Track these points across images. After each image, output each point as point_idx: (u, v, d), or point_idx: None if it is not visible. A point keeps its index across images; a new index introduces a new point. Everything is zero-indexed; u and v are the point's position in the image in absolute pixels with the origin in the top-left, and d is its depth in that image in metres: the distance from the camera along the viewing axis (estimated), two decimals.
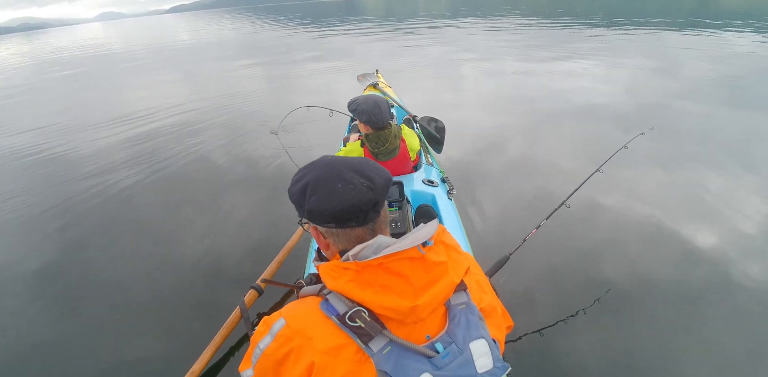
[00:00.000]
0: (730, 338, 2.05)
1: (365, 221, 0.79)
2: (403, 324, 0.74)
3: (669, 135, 4.46)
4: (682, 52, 9.50)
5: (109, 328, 2.34)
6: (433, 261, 0.75)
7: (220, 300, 2.39)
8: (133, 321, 2.37)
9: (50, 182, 4.33)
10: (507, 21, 19.77)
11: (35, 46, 34.17)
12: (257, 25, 18.15)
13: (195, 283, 2.63)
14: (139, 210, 3.66)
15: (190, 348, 1.99)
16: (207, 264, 2.80)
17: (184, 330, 2.26)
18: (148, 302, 2.51)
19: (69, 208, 3.72)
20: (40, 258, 3.04)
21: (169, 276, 2.73)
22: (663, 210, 3.09)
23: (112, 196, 3.90)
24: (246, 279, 2.43)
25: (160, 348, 2.16)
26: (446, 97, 6.73)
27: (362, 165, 0.81)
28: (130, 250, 3.07)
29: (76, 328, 2.36)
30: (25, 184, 4.36)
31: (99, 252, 3.06)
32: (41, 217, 3.61)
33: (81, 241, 3.23)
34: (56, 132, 6.18)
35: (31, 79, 13.33)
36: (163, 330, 2.29)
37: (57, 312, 2.52)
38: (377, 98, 2.17)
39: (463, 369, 0.73)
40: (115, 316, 2.43)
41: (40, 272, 2.89)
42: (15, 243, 3.29)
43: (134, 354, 2.13)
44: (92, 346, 2.23)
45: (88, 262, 2.96)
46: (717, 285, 2.38)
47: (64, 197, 3.93)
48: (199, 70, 11.78)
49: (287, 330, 0.76)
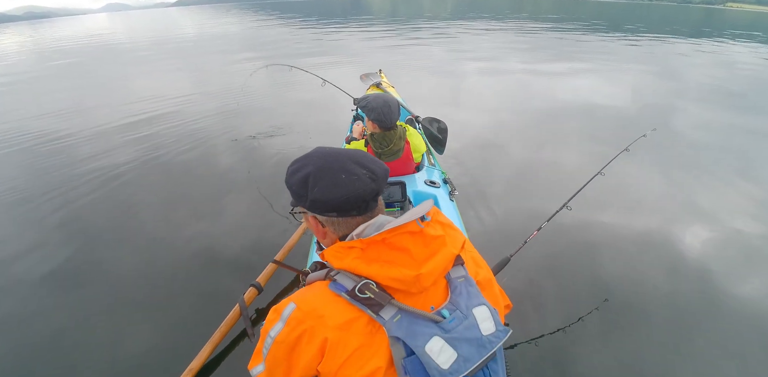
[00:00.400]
0: (734, 341, 2.06)
1: (366, 210, 0.84)
2: (409, 294, 0.77)
3: (670, 138, 4.48)
4: (686, 60, 9.54)
5: (107, 322, 2.32)
6: (431, 235, 0.80)
7: (219, 296, 2.38)
8: (132, 316, 2.36)
9: (50, 171, 4.30)
10: (511, 24, 19.80)
11: (42, 34, 34.00)
12: (262, 21, 18.13)
13: (194, 279, 2.62)
14: (140, 201, 3.65)
15: (188, 344, 1.98)
16: (207, 259, 2.79)
17: (183, 327, 2.25)
18: (148, 296, 2.51)
19: (70, 199, 3.70)
20: (41, 250, 3.02)
21: (169, 269, 2.72)
22: (663, 213, 3.12)
23: (113, 187, 3.89)
24: (246, 276, 2.43)
25: (157, 344, 2.15)
26: (448, 97, 6.75)
27: (361, 157, 0.85)
28: (131, 242, 3.05)
29: (74, 322, 2.34)
30: (25, 172, 4.33)
31: (98, 244, 3.04)
32: (41, 207, 3.59)
33: (81, 233, 3.21)
34: (58, 121, 6.14)
35: (36, 67, 13.25)
36: (161, 327, 2.28)
37: (56, 304, 2.50)
38: (388, 97, 2.16)
39: (469, 332, 0.77)
40: (114, 310, 2.41)
41: (41, 264, 2.86)
42: (14, 235, 3.26)
43: (131, 350, 2.12)
44: (91, 341, 2.21)
45: (87, 254, 2.94)
46: (718, 288, 2.39)
47: (66, 187, 3.92)
48: (202, 63, 11.76)
49: (298, 313, 0.77)
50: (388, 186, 1.96)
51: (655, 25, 19.02)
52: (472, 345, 0.76)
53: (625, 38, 13.68)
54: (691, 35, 14.70)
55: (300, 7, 66.64)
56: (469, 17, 26.39)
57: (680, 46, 11.95)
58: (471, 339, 0.77)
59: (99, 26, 44.20)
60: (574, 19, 22.13)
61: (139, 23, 47.18)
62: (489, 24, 20.76)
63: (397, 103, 2.18)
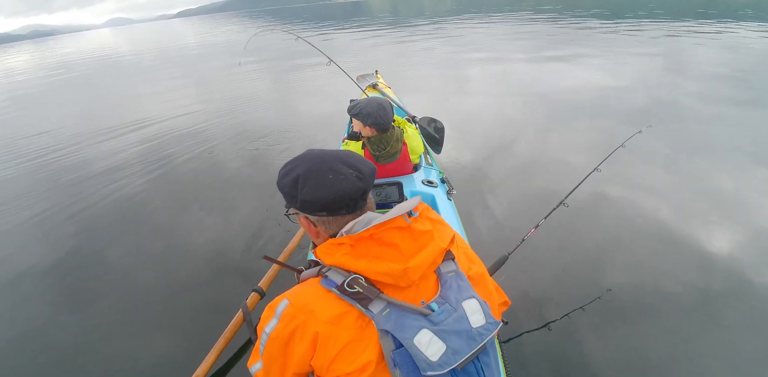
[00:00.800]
0: (734, 340, 2.03)
1: (355, 208, 0.86)
2: (398, 289, 0.79)
3: (667, 132, 4.42)
4: (686, 48, 9.39)
5: (111, 332, 2.35)
6: (419, 230, 0.81)
7: (222, 303, 2.40)
8: (135, 325, 2.39)
9: (62, 183, 4.42)
10: (509, 18, 19.67)
11: (46, 53, 34.68)
12: (262, 28, 18.30)
13: (200, 285, 2.65)
14: (148, 209, 3.72)
15: (194, 352, 1.99)
16: (210, 266, 2.82)
17: (187, 334, 2.27)
18: (150, 304, 2.53)
19: (81, 209, 3.79)
20: (52, 255, 3.11)
21: (177, 275, 2.76)
22: (660, 209, 3.08)
23: (121, 196, 3.96)
24: (249, 281, 2.44)
25: (162, 351, 2.17)
26: (443, 97, 6.70)
27: (348, 157, 0.87)
28: (139, 249, 3.11)
29: (82, 327, 2.39)
30: (37, 184, 4.45)
31: (107, 252, 3.10)
32: (55, 216, 3.69)
33: (91, 241, 3.28)
34: (68, 135, 6.29)
35: (42, 84, 13.52)
36: (166, 334, 2.30)
37: (66, 308, 2.57)
38: (380, 100, 2.17)
39: (458, 324, 0.78)
40: (118, 320, 2.44)
41: (52, 269, 2.96)
42: (29, 242, 3.36)
43: (136, 359, 2.14)
44: (98, 347, 2.25)
45: (96, 261, 3.01)
46: (718, 285, 2.35)
47: (77, 197, 4.01)
48: (206, 72, 11.90)
49: (291, 309, 0.79)
50: (385, 186, 1.97)
51: (656, 10, 18.73)
52: (462, 337, 0.77)
53: (627, 26, 13.51)
54: (693, 20, 14.46)
55: (300, 11, 67.01)
56: (467, 14, 26.31)
57: (682, 32, 11.76)
58: (460, 332, 0.77)
59: (103, 41, 44.93)
60: (572, 8, 21.91)
61: (142, 36, 47.88)
62: (488, 19, 20.68)
63: (390, 104, 2.18)
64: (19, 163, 5.19)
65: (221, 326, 2.04)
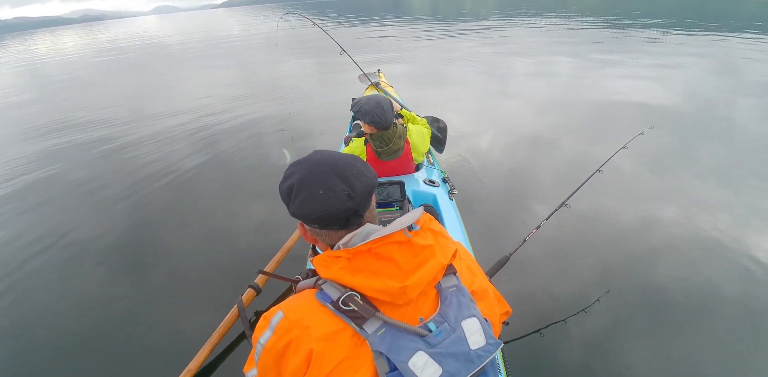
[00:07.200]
0: (733, 340, 2.03)
1: (347, 225, 0.82)
2: (396, 306, 0.75)
3: (669, 134, 4.35)
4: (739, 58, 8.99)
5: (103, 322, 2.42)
6: (420, 244, 0.78)
7: (218, 298, 2.43)
8: (129, 315, 2.45)
9: (118, 167, 4.67)
10: (550, 21, 19.20)
11: (97, 36, 36.19)
12: (303, 21, 18.45)
13: (198, 277, 2.71)
14: (197, 195, 3.87)
15: (187, 346, 2.01)
16: (210, 256, 2.91)
17: (181, 327, 2.30)
18: (144, 295, 2.62)
19: (134, 193, 3.99)
20: (107, 234, 3.32)
21: (168, 268, 2.86)
22: (661, 210, 3.06)
23: (171, 182, 4.14)
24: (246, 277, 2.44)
25: (155, 344, 2.22)
26: (444, 96, 6.68)
27: (347, 169, 0.81)
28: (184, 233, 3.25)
29: (71, 321, 2.46)
30: (97, 169, 4.69)
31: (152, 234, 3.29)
32: (110, 199, 3.92)
33: (143, 222, 3.48)
34: (121, 121, 6.60)
35: (95, 68, 14.22)
36: (159, 326, 2.34)
37: (124, 282, 2.75)
38: (380, 98, 2.20)
39: (456, 346, 0.75)
40: (112, 308, 2.52)
41: (110, 246, 3.18)
42: (85, 221, 3.57)
43: (128, 351, 2.20)
44: (88, 340, 2.31)
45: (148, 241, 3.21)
46: (719, 288, 2.36)
47: (130, 181, 4.24)
48: (249, 58, 12.35)
49: (285, 322, 0.76)
50: (387, 185, 2.02)
51: (708, 19, 17.86)
52: (459, 360, 0.74)
53: (674, 34, 12.97)
54: (739, 29, 13.74)
55: (340, 5, 67.33)
56: (510, 15, 25.79)
57: (728, 41, 11.24)
58: (458, 354, 0.74)
59: (151, 27, 46.47)
60: (616, 14, 21.14)
61: (188, 24, 49.24)
62: (529, 22, 20.24)
63: (389, 103, 2.21)
64: (79, 150, 5.44)
65: (215, 321, 2.07)
